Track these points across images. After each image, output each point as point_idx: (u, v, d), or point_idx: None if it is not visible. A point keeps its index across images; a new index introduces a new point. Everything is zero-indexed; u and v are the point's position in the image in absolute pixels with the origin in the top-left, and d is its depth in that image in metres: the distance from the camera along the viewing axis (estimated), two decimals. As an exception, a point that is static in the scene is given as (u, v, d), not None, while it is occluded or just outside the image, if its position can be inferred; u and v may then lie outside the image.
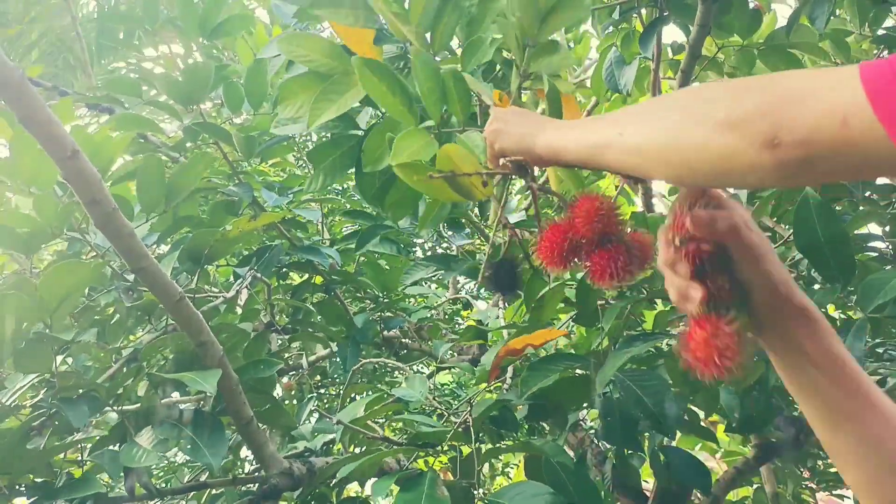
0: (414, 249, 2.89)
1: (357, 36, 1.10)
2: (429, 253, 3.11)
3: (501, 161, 0.82)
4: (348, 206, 2.50)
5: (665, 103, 0.62)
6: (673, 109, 0.58)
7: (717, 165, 0.53)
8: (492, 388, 1.40)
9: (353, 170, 1.24)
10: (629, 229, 0.77)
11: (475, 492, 1.01)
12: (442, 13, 1.05)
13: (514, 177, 0.84)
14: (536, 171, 0.87)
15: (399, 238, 1.85)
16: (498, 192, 0.93)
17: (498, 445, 1.34)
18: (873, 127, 0.44)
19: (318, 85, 1.11)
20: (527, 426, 1.64)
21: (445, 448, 1.19)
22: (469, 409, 1.16)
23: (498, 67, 1.34)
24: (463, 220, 1.86)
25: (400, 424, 2.40)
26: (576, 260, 0.77)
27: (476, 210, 1.75)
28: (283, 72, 1.56)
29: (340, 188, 3.03)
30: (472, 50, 1.06)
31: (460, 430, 1.11)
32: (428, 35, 1.09)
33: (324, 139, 1.26)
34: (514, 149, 0.79)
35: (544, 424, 1.79)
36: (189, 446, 1.12)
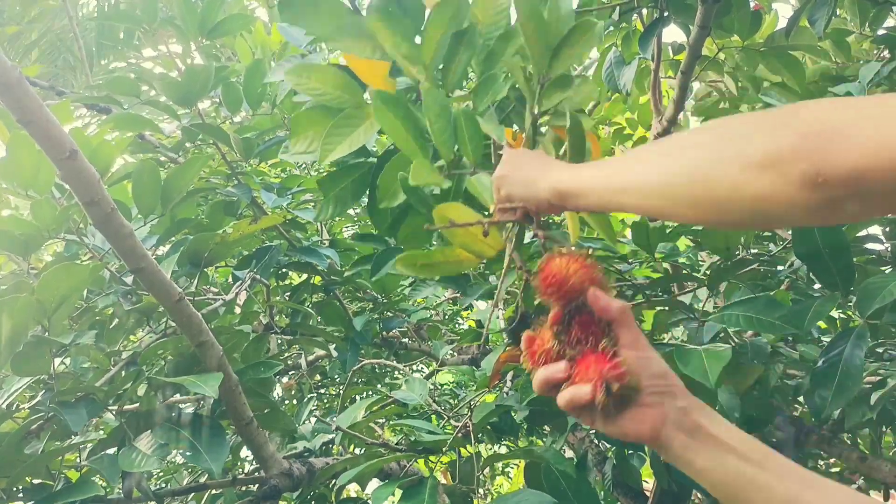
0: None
1: (371, 68, 1.07)
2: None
3: (499, 206, 0.76)
4: (357, 217, 2.49)
5: (688, 141, 0.57)
6: (698, 147, 0.54)
7: (752, 207, 0.50)
8: (492, 391, 1.40)
9: (366, 200, 1.22)
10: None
11: (474, 497, 1.00)
12: (455, 52, 1.02)
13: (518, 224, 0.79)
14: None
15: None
16: (513, 238, 0.87)
17: (498, 451, 1.33)
18: None
19: (330, 118, 1.07)
20: (526, 426, 1.63)
21: (445, 448, 1.19)
22: (469, 413, 1.16)
23: (512, 102, 1.31)
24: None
25: (399, 426, 2.40)
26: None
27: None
28: (291, 95, 1.54)
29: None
30: (486, 88, 1.02)
31: (460, 435, 1.10)
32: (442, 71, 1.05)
33: (333, 168, 1.24)
34: (519, 194, 0.73)
35: (545, 427, 1.79)
36: (189, 452, 1.11)
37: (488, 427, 1.44)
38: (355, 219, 2.63)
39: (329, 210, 1.18)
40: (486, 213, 0.86)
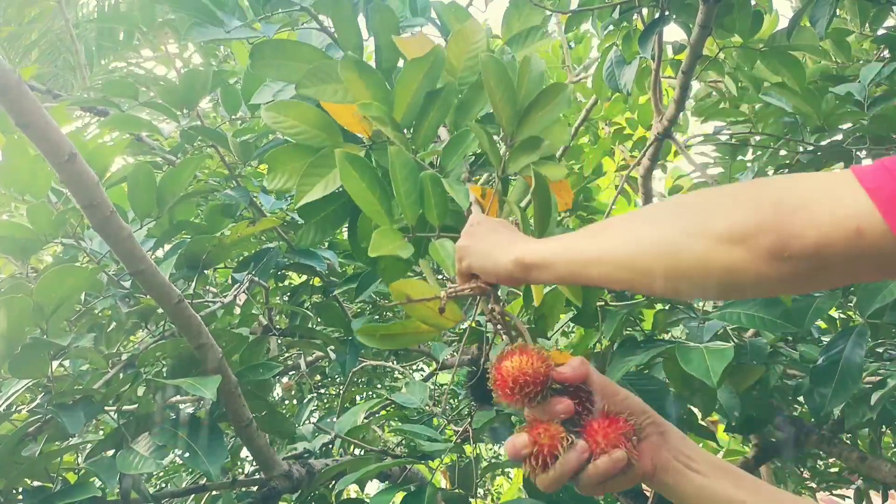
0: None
1: (347, 111, 1.05)
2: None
3: (460, 280, 0.76)
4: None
5: (653, 214, 0.59)
6: (666, 221, 0.56)
7: (721, 279, 0.52)
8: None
9: (346, 227, 1.20)
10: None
11: (472, 502, 1.00)
12: (427, 111, 1.00)
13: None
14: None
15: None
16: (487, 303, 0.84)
17: (498, 451, 1.33)
18: (887, 237, 0.45)
19: (307, 155, 1.05)
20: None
21: (444, 455, 1.19)
22: (469, 418, 1.16)
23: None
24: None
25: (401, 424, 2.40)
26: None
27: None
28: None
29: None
30: (455, 146, 0.99)
31: (459, 441, 1.10)
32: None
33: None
34: (480, 266, 0.73)
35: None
36: (187, 454, 1.11)
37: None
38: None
39: (309, 237, 1.16)
40: (445, 282, 0.86)
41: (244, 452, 2.02)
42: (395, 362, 2.49)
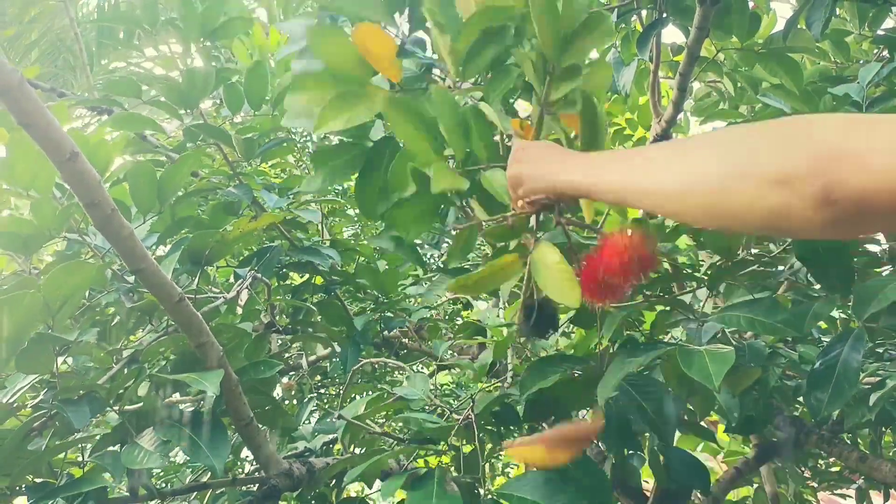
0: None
1: (378, 46, 1.04)
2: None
3: (521, 203, 0.79)
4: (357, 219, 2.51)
5: (703, 148, 0.60)
6: (714, 157, 0.57)
7: (767, 220, 0.53)
8: (492, 387, 1.40)
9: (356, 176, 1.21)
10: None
11: (479, 488, 1.01)
12: (485, 47, 1.00)
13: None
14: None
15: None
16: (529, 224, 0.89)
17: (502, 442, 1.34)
18: None
19: (333, 85, 1.06)
20: (527, 415, 1.63)
21: (446, 448, 1.19)
22: (471, 405, 1.16)
23: (518, 90, 1.30)
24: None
25: (400, 424, 2.41)
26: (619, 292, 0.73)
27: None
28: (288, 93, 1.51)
29: (341, 187, 3.03)
30: (499, 80, 1.00)
31: (462, 426, 1.10)
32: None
33: (325, 142, 1.23)
34: (535, 188, 0.77)
35: (545, 425, 1.79)
36: (191, 448, 1.12)
37: (490, 428, 1.44)
38: (355, 220, 2.63)
39: (318, 182, 1.16)
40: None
41: (245, 452, 2.03)
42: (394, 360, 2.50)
